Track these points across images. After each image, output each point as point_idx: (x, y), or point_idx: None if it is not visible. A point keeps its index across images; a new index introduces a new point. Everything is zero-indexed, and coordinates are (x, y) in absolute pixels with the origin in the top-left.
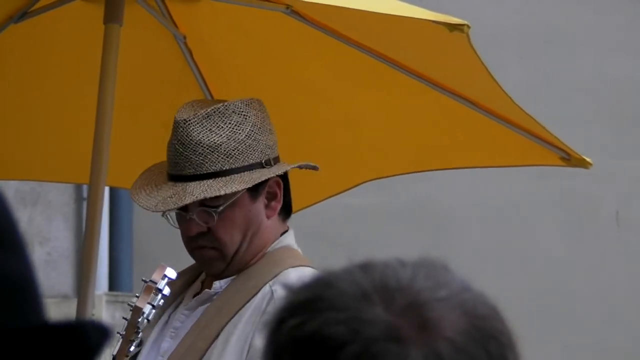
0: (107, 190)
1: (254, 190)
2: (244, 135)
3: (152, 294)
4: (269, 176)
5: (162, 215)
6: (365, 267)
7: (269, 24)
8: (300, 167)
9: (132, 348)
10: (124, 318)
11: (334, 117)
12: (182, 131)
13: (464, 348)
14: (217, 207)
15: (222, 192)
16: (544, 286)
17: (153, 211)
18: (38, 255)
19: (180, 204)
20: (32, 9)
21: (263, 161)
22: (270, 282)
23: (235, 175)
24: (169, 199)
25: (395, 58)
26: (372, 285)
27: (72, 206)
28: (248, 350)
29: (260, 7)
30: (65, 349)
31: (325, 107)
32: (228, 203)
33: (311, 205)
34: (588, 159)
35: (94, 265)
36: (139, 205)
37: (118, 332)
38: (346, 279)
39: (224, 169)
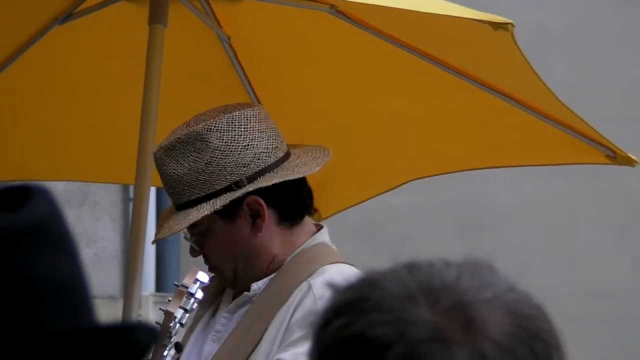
0: (153, 190)
1: (226, 214)
2: (203, 164)
3: (184, 298)
4: (230, 199)
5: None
6: (410, 268)
7: (313, 24)
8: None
9: (165, 352)
10: (156, 323)
11: (378, 117)
12: (156, 163)
13: (509, 348)
14: (196, 236)
15: (178, 228)
16: (589, 286)
17: (154, 242)
18: (85, 256)
19: (157, 239)
20: (77, 10)
21: (232, 184)
22: (309, 279)
23: (203, 203)
24: (162, 230)
25: (440, 57)
26: (417, 285)
27: (119, 206)
28: (284, 332)
29: (304, 7)
30: (114, 350)
31: (370, 107)
32: (200, 232)
33: (355, 204)
34: (634, 157)
35: (140, 265)
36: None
37: None
38: (391, 279)
39: (192, 199)
